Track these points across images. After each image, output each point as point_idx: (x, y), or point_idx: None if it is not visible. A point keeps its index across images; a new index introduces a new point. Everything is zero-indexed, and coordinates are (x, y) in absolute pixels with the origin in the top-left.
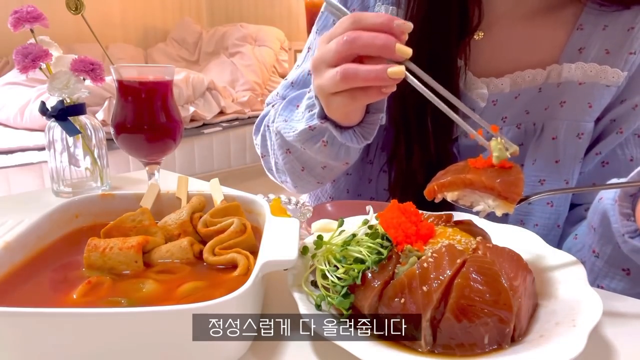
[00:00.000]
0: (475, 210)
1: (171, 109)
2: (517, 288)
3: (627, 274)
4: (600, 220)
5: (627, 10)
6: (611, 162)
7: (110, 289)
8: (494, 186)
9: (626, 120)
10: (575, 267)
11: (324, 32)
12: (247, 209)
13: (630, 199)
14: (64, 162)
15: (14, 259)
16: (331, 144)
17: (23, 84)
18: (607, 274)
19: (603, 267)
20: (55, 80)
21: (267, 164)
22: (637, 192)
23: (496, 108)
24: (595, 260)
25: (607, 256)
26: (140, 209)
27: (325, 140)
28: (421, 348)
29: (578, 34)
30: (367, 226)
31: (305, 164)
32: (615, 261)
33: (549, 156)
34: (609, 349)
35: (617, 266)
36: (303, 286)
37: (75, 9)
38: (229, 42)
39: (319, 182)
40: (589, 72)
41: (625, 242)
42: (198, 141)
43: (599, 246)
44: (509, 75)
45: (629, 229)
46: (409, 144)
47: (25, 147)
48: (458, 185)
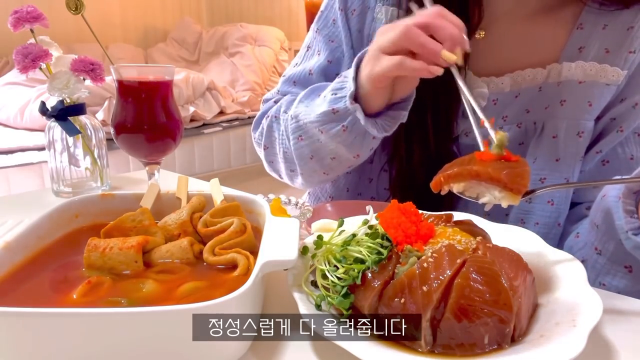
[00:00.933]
0: (481, 201)
1: (171, 109)
2: (517, 288)
3: (629, 271)
4: (603, 218)
5: (627, 10)
6: (611, 160)
7: (110, 289)
8: (501, 177)
9: (626, 118)
10: (576, 267)
11: (324, 31)
12: (247, 209)
13: (634, 196)
14: (64, 162)
15: (14, 259)
16: (350, 130)
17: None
18: (609, 271)
19: (605, 265)
20: (55, 80)
21: (268, 156)
22: None
23: (497, 107)
24: (597, 258)
25: (609, 253)
26: (140, 209)
27: (346, 126)
28: (421, 348)
29: (578, 33)
30: (367, 226)
31: (315, 152)
32: (617, 258)
33: (549, 155)
34: (609, 349)
35: (620, 263)
36: (303, 286)
37: (75, 9)
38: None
39: (325, 172)
40: (588, 71)
41: (629, 238)
42: (198, 141)
43: (601, 243)
44: (509, 74)
45: (633, 226)
46: (409, 143)
47: (25, 147)
48: (464, 177)
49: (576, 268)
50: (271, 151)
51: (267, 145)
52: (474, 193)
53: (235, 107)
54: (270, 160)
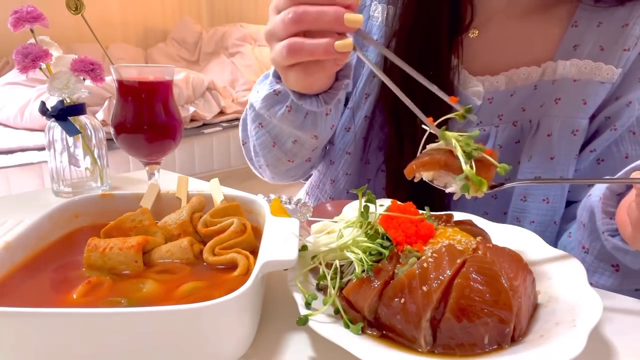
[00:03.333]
0: (448, 191)
1: (171, 109)
2: (517, 288)
3: (616, 270)
4: (588, 217)
5: (622, 7)
6: (606, 159)
7: (110, 289)
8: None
9: (620, 117)
10: (576, 267)
11: None
12: (247, 209)
13: (616, 197)
14: (64, 162)
15: (14, 259)
16: (296, 109)
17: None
18: (597, 269)
19: (592, 263)
20: (55, 80)
21: (247, 153)
22: (624, 191)
23: (492, 106)
24: (585, 256)
25: (596, 252)
26: (140, 209)
27: (289, 106)
28: (421, 348)
29: (573, 31)
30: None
31: (276, 138)
32: (604, 257)
33: (544, 153)
34: (609, 349)
35: (607, 261)
36: (299, 286)
37: (75, 9)
38: (229, 42)
39: (290, 159)
40: (583, 69)
41: (607, 240)
42: (198, 141)
43: (588, 242)
44: (504, 73)
45: (609, 227)
46: (400, 140)
47: (25, 147)
48: (434, 166)
49: (576, 268)
50: (248, 146)
51: (244, 139)
52: (442, 182)
53: (235, 107)
54: (250, 158)
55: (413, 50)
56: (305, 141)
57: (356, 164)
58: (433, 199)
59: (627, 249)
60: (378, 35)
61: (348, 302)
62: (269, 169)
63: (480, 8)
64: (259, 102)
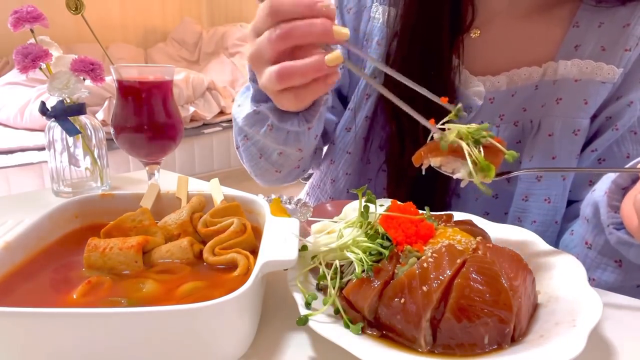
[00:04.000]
0: (455, 176)
1: (171, 109)
2: (517, 288)
3: (619, 265)
4: (592, 212)
5: (623, 7)
6: (607, 159)
7: (110, 289)
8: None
9: (622, 117)
10: (576, 267)
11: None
12: (247, 209)
13: (621, 192)
14: (64, 162)
15: (14, 259)
16: (277, 128)
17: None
18: (600, 265)
19: (595, 259)
20: (55, 80)
21: (241, 157)
22: (629, 185)
23: (493, 106)
24: (588, 252)
25: (600, 247)
26: (140, 209)
27: (271, 125)
28: (421, 348)
29: (574, 31)
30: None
31: (262, 150)
32: (607, 252)
33: (545, 153)
34: (609, 349)
35: (610, 257)
36: (299, 285)
37: (75, 9)
38: (229, 42)
39: (277, 170)
40: (584, 69)
41: (611, 233)
42: (198, 141)
43: (592, 237)
44: (506, 73)
45: (615, 221)
46: (401, 139)
47: (25, 147)
48: (442, 151)
49: (576, 268)
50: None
51: (238, 145)
52: (450, 168)
53: None
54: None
55: (414, 51)
56: (290, 154)
57: (357, 163)
58: (433, 199)
59: (631, 242)
60: (379, 36)
61: (348, 302)
62: (258, 179)
63: (481, 8)
64: (241, 119)
